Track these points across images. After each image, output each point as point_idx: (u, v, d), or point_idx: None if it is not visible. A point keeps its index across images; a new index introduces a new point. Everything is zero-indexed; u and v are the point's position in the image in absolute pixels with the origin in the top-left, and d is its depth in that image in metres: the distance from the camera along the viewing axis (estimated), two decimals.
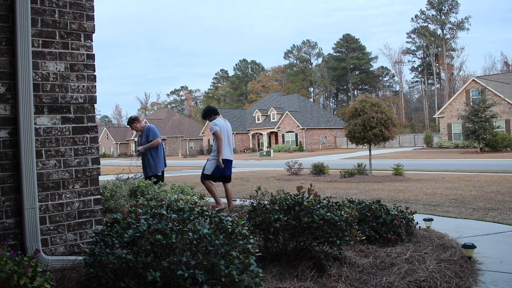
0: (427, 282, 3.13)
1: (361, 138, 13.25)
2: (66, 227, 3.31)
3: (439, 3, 70.64)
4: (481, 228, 5.33)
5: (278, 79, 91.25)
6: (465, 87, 37.58)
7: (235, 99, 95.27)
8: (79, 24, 3.40)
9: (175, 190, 6.01)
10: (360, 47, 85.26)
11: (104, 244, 2.57)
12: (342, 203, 3.74)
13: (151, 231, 2.54)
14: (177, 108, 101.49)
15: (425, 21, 73.61)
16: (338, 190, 10.07)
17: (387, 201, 7.59)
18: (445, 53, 69.56)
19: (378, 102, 13.68)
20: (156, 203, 2.91)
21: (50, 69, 3.27)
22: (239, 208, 6.15)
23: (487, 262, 3.78)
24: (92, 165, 3.47)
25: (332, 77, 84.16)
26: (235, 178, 15.26)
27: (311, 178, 14.23)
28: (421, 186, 10.72)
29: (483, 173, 13.96)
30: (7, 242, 2.96)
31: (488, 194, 8.51)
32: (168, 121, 65.08)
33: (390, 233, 4.28)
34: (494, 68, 69.62)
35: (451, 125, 38.34)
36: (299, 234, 3.45)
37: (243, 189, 10.92)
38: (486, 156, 25.64)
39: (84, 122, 3.43)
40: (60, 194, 3.30)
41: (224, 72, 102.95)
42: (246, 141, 58.23)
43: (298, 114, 52.24)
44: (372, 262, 3.60)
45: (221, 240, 2.56)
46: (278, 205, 3.60)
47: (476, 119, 28.14)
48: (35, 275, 2.50)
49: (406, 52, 77.94)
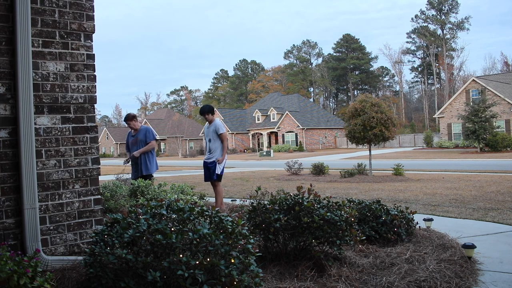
0: (427, 282, 3.13)
1: (361, 138, 13.25)
2: (66, 227, 3.31)
3: (439, 3, 70.62)
4: (481, 228, 5.33)
5: (278, 79, 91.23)
6: (465, 87, 37.58)
7: (235, 99, 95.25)
8: (79, 24, 3.40)
9: (175, 190, 6.00)
10: (360, 47, 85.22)
11: (104, 244, 2.57)
12: (342, 203, 3.74)
13: (151, 231, 2.54)
14: (177, 108, 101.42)
15: (425, 21, 73.63)
16: (338, 190, 10.07)
17: (387, 201, 7.59)
18: (445, 53, 69.52)
19: (378, 102, 13.68)
20: (156, 203, 2.91)
21: (50, 69, 3.27)
22: (239, 208, 6.14)
23: (487, 262, 3.78)
24: (92, 165, 3.47)
25: (332, 77, 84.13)
26: (235, 178, 15.27)
27: (311, 178, 14.23)
28: (421, 186, 10.72)
29: (483, 173, 13.96)
30: (7, 242, 2.96)
31: (488, 194, 8.51)
32: (168, 121, 65.08)
33: (390, 233, 4.28)
34: (494, 68, 69.64)
35: (451, 125, 38.34)
36: (299, 234, 3.45)
37: (243, 189, 10.92)
38: (486, 156, 25.65)
39: (84, 122, 3.43)
40: (60, 194, 3.30)
41: (224, 72, 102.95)
42: (246, 141, 58.23)
43: (298, 114, 52.23)
44: (372, 262, 3.60)
45: (221, 240, 2.56)
46: (278, 205, 3.60)
47: (476, 119, 28.13)
48: (35, 275, 2.49)
49: (406, 52, 77.95)
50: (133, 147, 7.14)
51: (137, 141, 7.10)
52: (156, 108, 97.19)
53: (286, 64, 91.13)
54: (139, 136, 7.13)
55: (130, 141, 7.25)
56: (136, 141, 7.12)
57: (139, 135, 7.15)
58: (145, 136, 7.12)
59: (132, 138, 7.23)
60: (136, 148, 7.09)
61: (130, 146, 7.27)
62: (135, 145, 7.11)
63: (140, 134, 7.15)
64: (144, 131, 7.16)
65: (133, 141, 7.17)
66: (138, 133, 7.17)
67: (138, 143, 7.06)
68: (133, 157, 6.99)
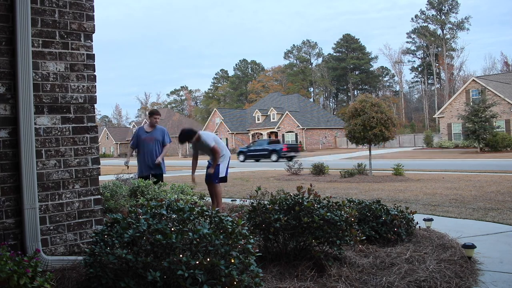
0: (427, 282, 3.13)
1: (361, 138, 13.25)
2: (66, 227, 3.31)
3: (439, 3, 70.62)
4: (481, 228, 5.33)
5: (278, 79, 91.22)
6: (465, 87, 37.59)
7: (235, 99, 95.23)
8: (79, 24, 3.40)
9: (175, 190, 6.00)
10: (360, 47, 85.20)
11: (104, 244, 2.57)
12: (342, 203, 3.74)
13: (151, 231, 2.54)
14: (177, 108, 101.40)
15: (425, 21, 73.63)
16: (338, 190, 10.07)
17: (387, 201, 7.59)
18: (445, 53, 69.53)
19: (378, 102, 13.68)
20: (156, 203, 2.91)
21: (50, 69, 3.27)
22: (239, 208, 6.14)
23: (487, 262, 3.78)
24: (92, 165, 3.47)
25: (332, 77, 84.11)
26: (235, 178, 15.27)
27: (311, 178, 14.22)
28: (421, 186, 10.72)
29: (483, 173, 13.96)
30: (7, 242, 2.96)
31: (488, 194, 8.51)
32: (168, 121, 65.04)
33: (390, 233, 4.28)
34: (494, 68, 69.65)
35: (451, 125, 38.34)
36: (299, 234, 3.45)
37: (243, 189, 10.92)
38: (486, 156, 25.65)
39: (84, 122, 3.43)
40: (60, 194, 3.30)
41: (224, 72, 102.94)
42: (246, 141, 58.20)
43: (298, 114, 52.24)
44: (372, 262, 3.60)
45: (221, 240, 2.56)
46: (278, 205, 3.60)
47: (476, 119, 28.14)
48: (35, 275, 2.50)
49: (406, 52, 77.94)
50: (147, 144, 6.94)
51: (153, 139, 6.94)
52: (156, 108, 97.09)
53: (286, 64, 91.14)
54: (156, 135, 6.96)
55: (144, 137, 7.00)
56: (151, 139, 6.95)
57: (156, 133, 6.97)
58: (162, 136, 6.99)
59: (146, 134, 7.02)
60: (150, 145, 6.92)
61: (141, 142, 7.01)
62: (150, 142, 6.94)
63: (157, 133, 6.98)
64: (162, 131, 7.02)
65: (147, 138, 6.97)
66: (155, 131, 7.00)
67: (154, 142, 6.92)
68: (157, 162, 6.87)
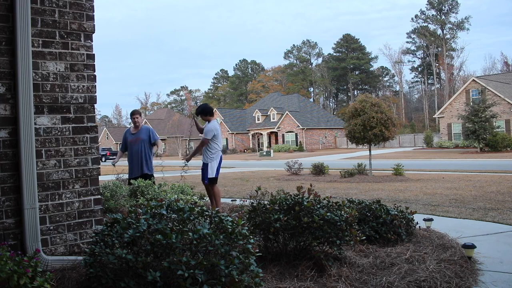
0: (427, 282, 3.13)
1: (361, 138, 13.25)
2: (66, 227, 3.31)
3: (439, 3, 70.61)
4: (481, 228, 5.32)
5: (278, 79, 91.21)
6: (465, 87, 37.58)
7: (235, 99, 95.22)
8: (79, 24, 3.40)
9: (175, 190, 6.00)
10: (360, 47, 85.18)
11: (104, 244, 2.57)
12: (342, 203, 3.74)
13: (151, 231, 2.54)
14: (177, 108, 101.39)
15: (425, 21, 73.61)
16: (338, 190, 10.07)
17: (387, 201, 7.59)
18: (445, 53, 69.51)
19: (378, 102, 13.68)
20: (156, 203, 2.91)
21: (50, 69, 3.27)
22: (239, 208, 6.14)
23: (487, 262, 3.78)
24: (92, 165, 3.47)
25: (332, 77, 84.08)
26: (235, 178, 15.27)
27: (311, 178, 14.22)
28: (421, 186, 10.72)
29: (483, 173, 13.96)
30: (7, 242, 2.96)
31: (488, 194, 8.51)
32: (168, 121, 65.05)
33: (390, 233, 4.28)
34: (494, 68, 69.65)
35: (451, 125, 38.34)
36: (299, 234, 3.45)
37: (243, 189, 10.92)
38: (486, 156, 25.64)
39: (84, 122, 3.43)
40: (60, 194, 3.30)
41: (224, 72, 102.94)
42: (246, 141, 58.24)
43: (298, 114, 52.24)
44: (372, 262, 3.60)
45: (221, 240, 2.56)
46: (278, 205, 3.60)
47: (476, 119, 28.13)
48: (35, 275, 2.49)
49: (406, 52, 77.91)
50: (134, 145, 6.97)
51: (138, 140, 6.94)
52: (156, 108, 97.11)
53: (286, 64, 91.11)
54: (141, 135, 6.98)
55: (130, 139, 7.07)
56: (137, 140, 6.96)
57: (141, 134, 6.99)
58: (148, 135, 6.98)
59: (132, 136, 7.06)
60: (136, 146, 6.92)
61: (129, 145, 7.07)
62: (135, 144, 6.95)
63: (142, 133, 7.00)
64: (146, 131, 7.02)
65: (132, 139, 7.01)
66: (140, 132, 7.02)
67: (140, 142, 6.92)
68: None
